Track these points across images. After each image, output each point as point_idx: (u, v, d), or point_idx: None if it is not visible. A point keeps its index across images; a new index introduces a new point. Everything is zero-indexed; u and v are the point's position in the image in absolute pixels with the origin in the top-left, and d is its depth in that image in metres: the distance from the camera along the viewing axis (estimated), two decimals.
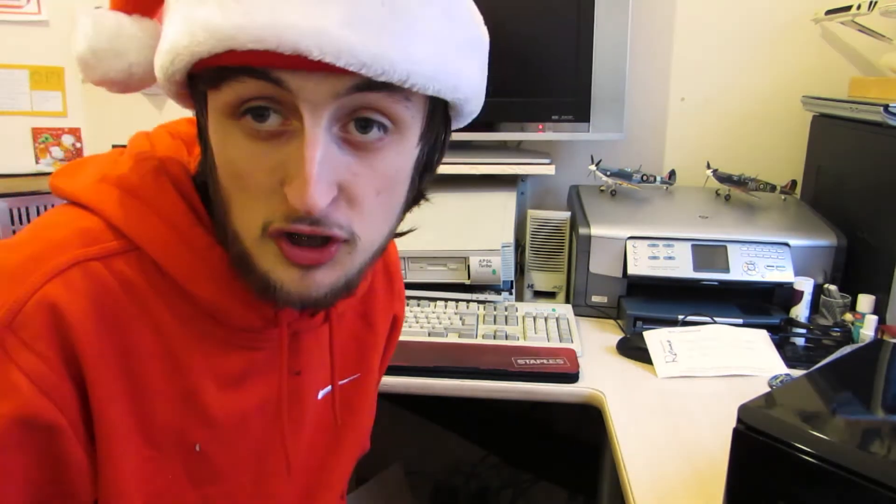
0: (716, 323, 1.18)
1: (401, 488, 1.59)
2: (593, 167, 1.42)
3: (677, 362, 1.09)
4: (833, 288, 1.21)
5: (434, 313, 1.23)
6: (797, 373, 1.06)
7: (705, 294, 1.25)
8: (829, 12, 1.42)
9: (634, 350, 1.14)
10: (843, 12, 1.37)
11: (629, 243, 1.26)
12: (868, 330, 1.11)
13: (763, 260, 1.22)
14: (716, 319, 1.18)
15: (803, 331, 1.18)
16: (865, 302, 1.16)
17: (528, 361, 1.07)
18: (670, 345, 1.12)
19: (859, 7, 1.31)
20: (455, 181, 1.51)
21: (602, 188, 1.50)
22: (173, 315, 0.52)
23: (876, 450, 0.58)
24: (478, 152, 1.52)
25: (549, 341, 1.16)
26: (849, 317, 1.16)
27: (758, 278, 1.21)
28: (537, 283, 1.40)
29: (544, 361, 1.07)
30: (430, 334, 1.17)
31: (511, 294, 1.33)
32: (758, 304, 1.25)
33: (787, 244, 1.24)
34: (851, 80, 1.46)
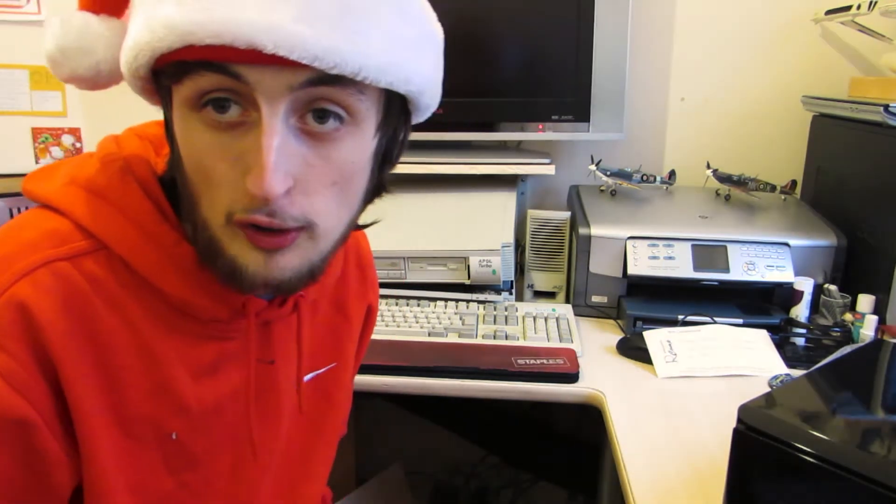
0: (716, 323, 1.18)
1: (401, 488, 1.59)
2: (593, 167, 1.42)
3: (677, 362, 1.09)
4: (833, 288, 1.21)
5: (434, 313, 1.23)
6: (797, 373, 1.06)
7: (705, 294, 1.25)
8: (829, 12, 1.42)
9: (634, 350, 1.14)
10: (843, 12, 1.37)
11: (629, 243, 1.26)
12: (868, 330, 1.11)
13: (763, 260, 1.22)
14: (716, 319, 1.18)
15: (803, 331, 1.18)
16: (865, 302, 1.16)
17: (528, 361, 1.07)
18: (670, 345, 1.12)
19: (859, 7, 1.31)
20: (455, 181, 1.51)
21: (602, 188, 1.50)
22: (143, 310, 0.54)
23: (876, 450, 0.58)
24: (478, 152, 1.52)
25: (549, 341, 1.16)
26: (849, 317, 1.16)
27: (758, 278, 1.21)
28: (537, 283, 1.40)
29: (544, 361, 1.07)
30: (430, 334, 1.17)
31: (511, 294, 1.33)
32: (758, 304, 1.25)
33: (787, 244, 1.24)
34: (851, 80, 1.46)
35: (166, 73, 0.49)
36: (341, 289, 0.73)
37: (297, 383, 0.66)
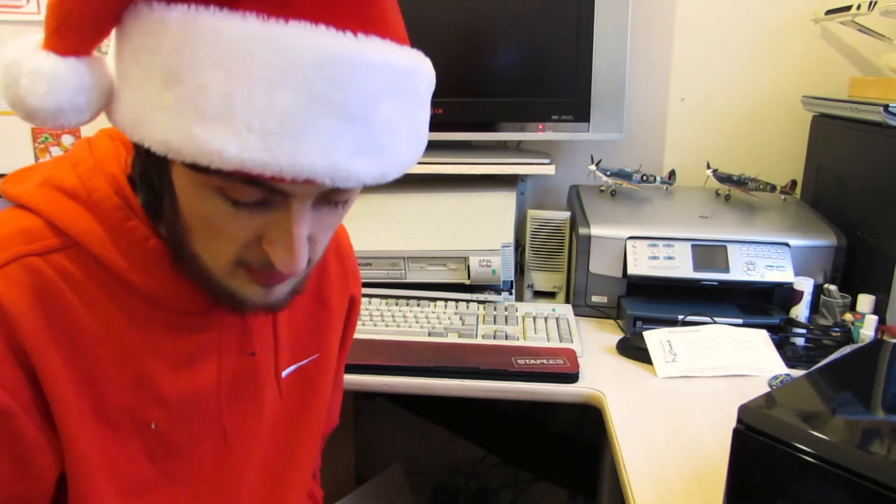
0: (716, 323, 1.18)
1: (401, 488, 1.59)
2: (593, 167, 1.43)
3: (677, 362, 1.09)
4: (833, 288, 1.21)
5: (434, 313, 1.23)
6: (797, 373, 1.06)
7: (705, 294, 1.25)
8: (829, 12, 1.42)
9: (634, 350, 1.14)
10: (843, 12, 1.37)
11: (629, 243, 1.26)
12: (868, 330, 1.11)
13: (763, 260, 1.22)
14: (716, 319, 1.18)
15: (803, 331, 1.18)
16: (865, 302, 1.16)
17: (528, 361, 1.07)
18: (670, 345, 1.12)
19: (859, 7, 1.31)
20: (455, 181, 1.51)
21: (602, 188, 1.50)
22: (115, 303, 0.56)
23: (876, 450, 0.58)
24: (478, 152, 1.52)
25: (549, 341, 1.16)
26: (849, 317, 1.16)
27: (758, 278, 1.21)
28: (537, 283, 1.40)
29: (544, 361, 1.07)
30: (430, 334, 1.17)
31: (511, 294, 1.33)
32: (758, 304, 1.25)
33: (787, 244, 1.24)
34: (851, 80, 1.46)
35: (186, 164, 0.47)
36: (322, 281, 0.75)
37: (274, 373, 0.67)
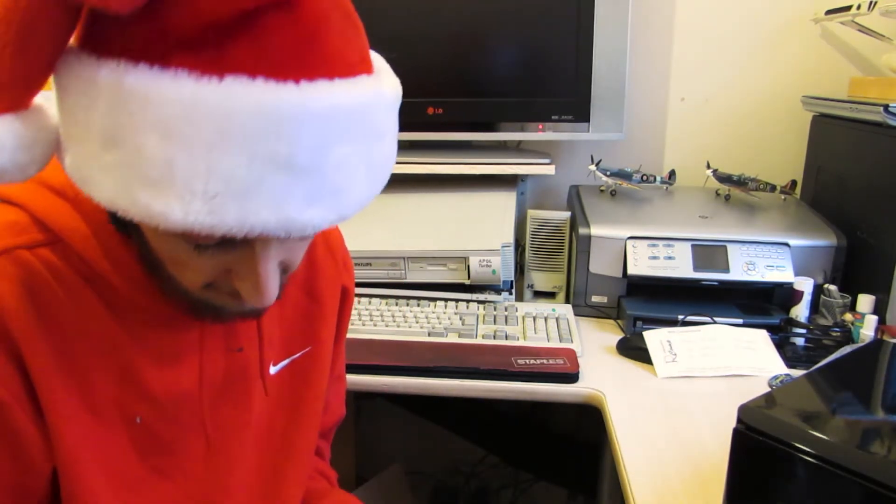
0: (716, 323, 1.18)
1: (401, 488, 1.59)
2: (593, 167, 1.42)
3: (677, 362, 1.09)
4: (833, 288, 1.21)
5: (434, 313, 1.23)
6: (797, 373, 1.06)
7: (705, 294, 1.25)
8: (829, 12, 1.42)
9: (634, 350, 1.14)
10: (843, 12, 1.37)
11: (629, 243, 1.26)
12: (868, 330, 1.11)
13: (763, 260, 1.22)
14: (716, 319, 1.18)
15: (803, 331, 1.18)
16: (865, 302, 1.16)
17: (528, 361, 1.07)
18: (670, 345, 1.12)
19: (859, 7, 1.31)
20: (455, 181, 1.51)
21: (602, 188, 1.50)
22: (100, 298, 0.56)
23: (876, 450, 0.58)
24: (478, 152, 1.52)
25: (549, 341, 1.16)
26: (849, 317, 1.16)
27: (758, 278, 1.21)
28: (537, 283, 1.40)
29: (544, 361, 1.07)
30: (430, 334, 1.17)
31: (511, 294, 1.33)
32: (758, 304, 1.25)
33: (787, 244, 1.24)
34: (851, 80, 1.46)
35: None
36: (312, 275, 0.74)
37: (259, 369, 0.68)
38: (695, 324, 1.18)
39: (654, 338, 1.13)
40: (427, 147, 1.50)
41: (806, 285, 1.19)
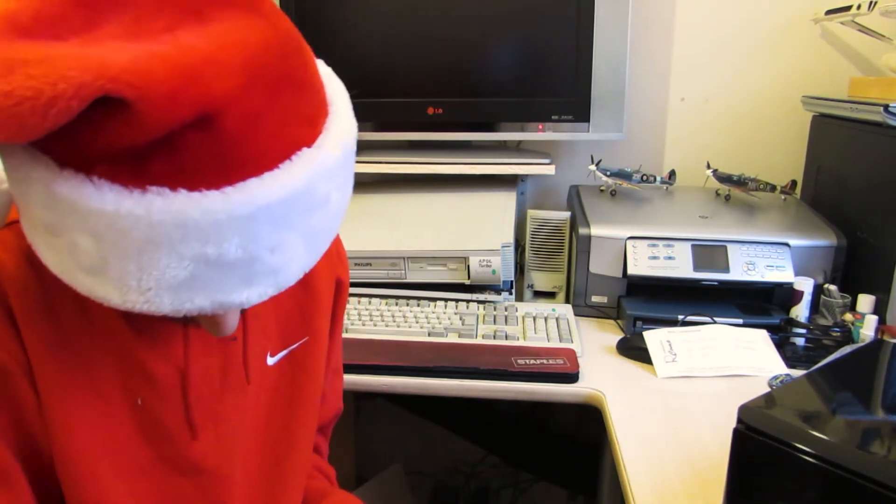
0: (716, 323, 1.18)
1: (401, 488, 1.59)
2: (593, 167, 1.42)
3: (677, 362, 1.09)
4: (833, 288, 1.21)
5: (434, 313, 1.23)
6: (797, 373, 1.06)
7: (705, 294, 1.25)
8: (829, 12, 1.42)
9: (634, 350, 1.14)
10: (843, 12, 1.37)
11: (629, 243, 1.26)
12: (868, 330, 1.11)
13: (763, 260, 1.22)
14: (716, 319, 1.18)
15: (803, 331, 1.18)
16: (865, 302, 1.16)
17: (528, 361, 1.07)
18: (670, 345, 1.12)
19: (859, 7, 1.31)
20: (455, 181, 1.51)
21: (602, 188, 1.50)
22: None
23: (876, 450, 0.58)
24: (478, 152, 1.52)
25: (548, 341, 1.16)
26: (849, 317, 1.16)
27: (758, 278, 1.21)
28: (537, 283, 1.40)
29: (544, 361, 1.07)
30: (429, 334, 1.17)
31: (511, 294, 1.33)
32: (758, 304, 1.25)
33: (787, 244, 1.24)
34: (851, 80, 1.46)
35: None
36: None
37: (243, 359, 0.68)
38: (695, 324, 1.18)
39: (654, 338, 1.14)
40: (427, 147, 1.50)
41: (806, 285, 1.19)
